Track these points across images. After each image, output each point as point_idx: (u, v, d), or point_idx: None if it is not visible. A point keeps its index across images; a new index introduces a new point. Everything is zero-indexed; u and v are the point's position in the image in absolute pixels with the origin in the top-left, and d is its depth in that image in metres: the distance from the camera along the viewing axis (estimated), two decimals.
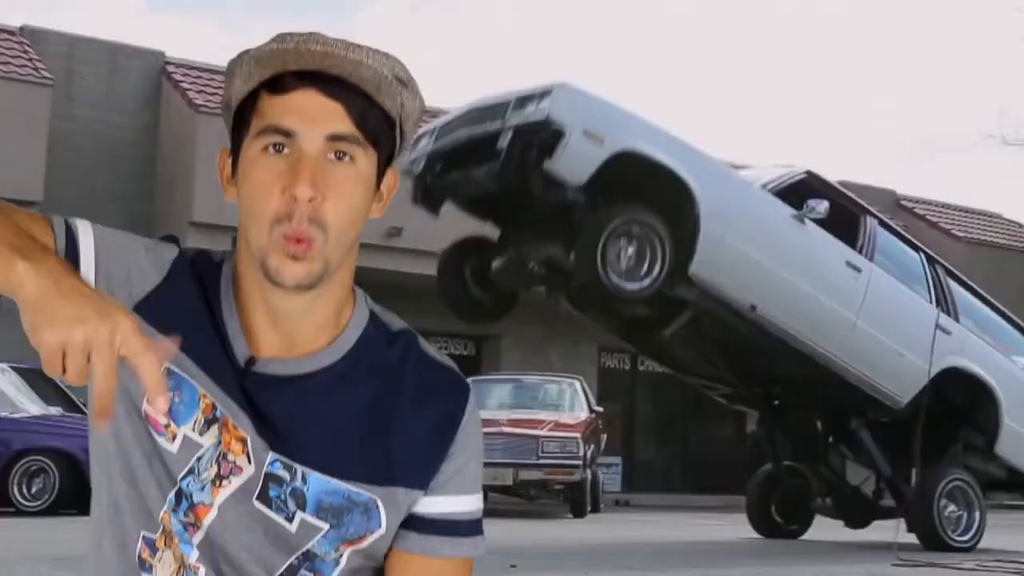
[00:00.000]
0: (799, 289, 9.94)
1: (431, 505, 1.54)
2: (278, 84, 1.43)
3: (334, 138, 1.42)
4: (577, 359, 23.54)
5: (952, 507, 10.51)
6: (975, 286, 11.85)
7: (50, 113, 18.14)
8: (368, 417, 1.51)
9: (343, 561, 1.51)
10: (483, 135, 9.17)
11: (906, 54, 70.31)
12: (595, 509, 16.86)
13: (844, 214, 10.63)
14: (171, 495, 1.47)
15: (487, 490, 15.92)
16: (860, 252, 10.50)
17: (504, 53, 74.99)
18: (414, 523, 1.54)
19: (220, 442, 1.46)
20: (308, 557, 1.50)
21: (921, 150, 68.32)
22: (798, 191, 10.24)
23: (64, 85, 19.31)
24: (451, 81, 62.39)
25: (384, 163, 1.49)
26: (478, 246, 10.52)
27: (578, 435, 15.80)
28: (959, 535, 10.46)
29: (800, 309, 9.98)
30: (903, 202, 27.57)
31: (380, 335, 1.55)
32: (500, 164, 8.91)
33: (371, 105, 1.45)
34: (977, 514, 10.60)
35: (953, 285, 11.40)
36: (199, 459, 1.46)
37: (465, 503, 1.58)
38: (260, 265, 1.42)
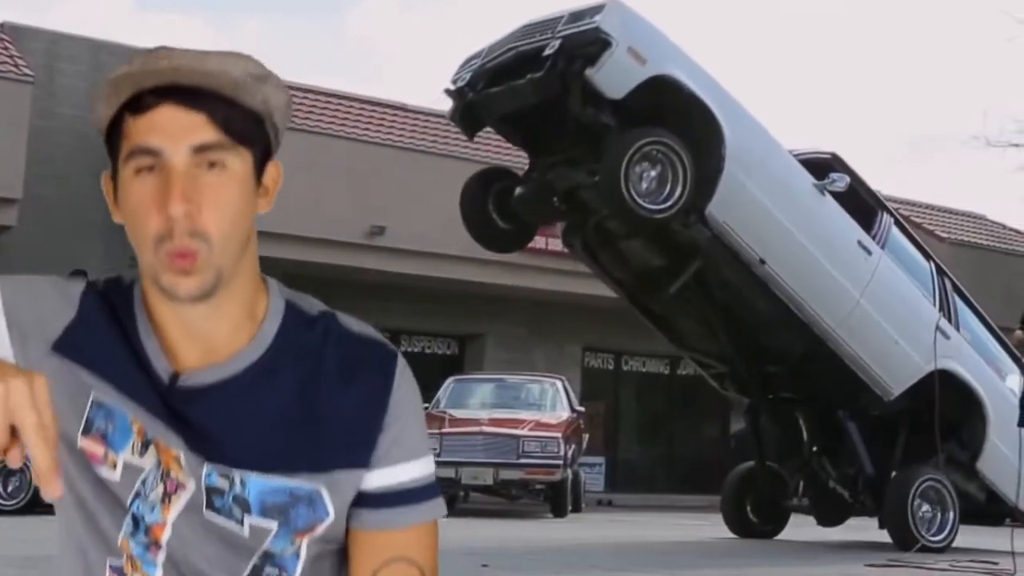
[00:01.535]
0: (809, 254, 10.10)
1: (376, 479, 1.52)
2: (137, 104, 1.43)
3: (200, 148, 1.42)
4: (561, 359, 23.54)
5: (926, 507, 10.53)
6: (980, 308, 11.91)
7: (31, 111, 18.03)
8: (297, 405, 1.50)
9: (302, 552, 1.51)
10: (531, 49, 9.40)
11: (892, 55, 70.54)
12: (576, 509, 16.85)
13: (863, 205, 10.84)
14: (126, 520, 1.49)
15: (468, 489, 15.97)
16: (873, 240, 10.67)
17: None
18: (363, 500, 1.52)
19: (160, 462, 1.48)
20: (268, 556, 1.50)
21: (906, 151, 68.55)
22: (821, 168, 10.47)
23: (45, 83, 19.20)
24: (439, 80, 62.15)
25: (261, 158, 1.50)
26: (502, 175, 10.71)
27: (559, 435, 15.78)
28: (933, 535, 10.48)
29: (807, 274, 10.12)
30: (887, 202, 27.63)
31: (299, 321, 1.54)
32: (544, 71, 9.15)
33: (233, 107, 1.45)
34: (951, 515, 10.62)
35: (958, 301, 11.51)
36: (143, 481, 1.48)
37: (410, 470, 1.54)
38: (154, 283, 1.44)
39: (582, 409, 17.66)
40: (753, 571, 8.88)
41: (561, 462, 15.56)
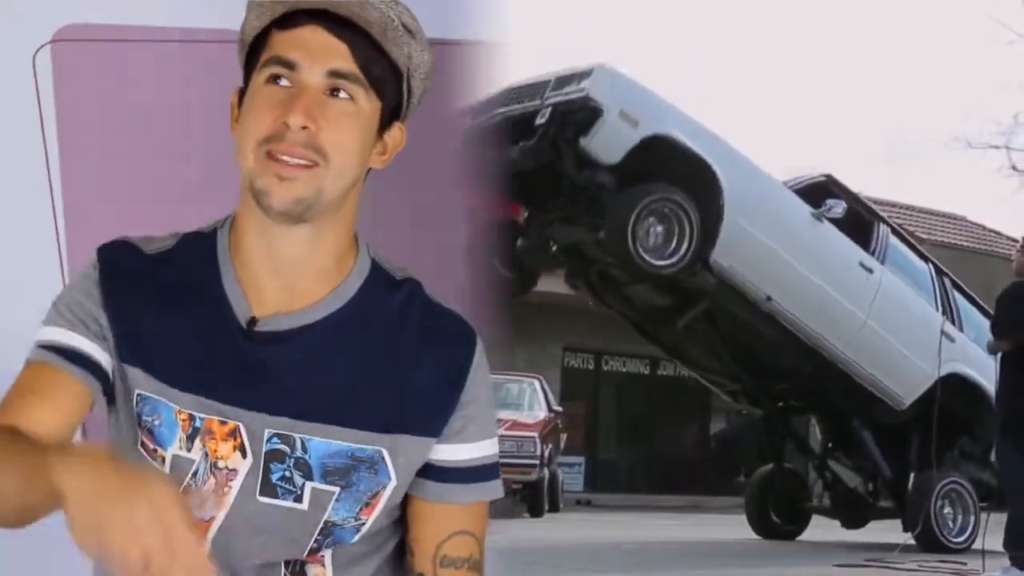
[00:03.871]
0: (814, 284, 10.26)
1: (445, 453, 1.52)
2: (288, 20, 1.43)
3: (335, 74, 1.41)
4: (541, 359, 23.52)
5: (948, 508, 10.66)
6: (979, 300, 11.98)
7: None
8: (372, 365, 1.48)
9: (365, 528, 1.50)
10: (520, 114, 9.39)
11: (873, 57, 70.70)
12: (554, 509, 16.82)
13: (858, 219, 11.02)
14: None
15: None
16: (872, 256, 10.86)
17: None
18: (429, 471, 1.52)
19: (207, 453, 1.45)
20: (327, 531, 1.48)
21: (888, 152, 68.72)
22: (816, 193, 10.65)
23: None
24: None
25: (388, 114, 1.48)
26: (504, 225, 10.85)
27: (535, 434, 15.76)
28: (954, 536, 10.59)
29: (813, 304, 10.28)
30: (881, 212, 27.66)
31: (383, 283, 1.53)
32: (536, 140, 9.19)
33: (377, 52, 1.44)
34: (972, 516, 10.78)
35: (958, 297, 11.66)
36: (193, 475, 1.45)
37: (480, 449, 1.55)
38: (251, 191, 1.41)
39: (560, 409, 17.65)
40: (723, 572, 8.85)
41: (537, 462, 15.54)
